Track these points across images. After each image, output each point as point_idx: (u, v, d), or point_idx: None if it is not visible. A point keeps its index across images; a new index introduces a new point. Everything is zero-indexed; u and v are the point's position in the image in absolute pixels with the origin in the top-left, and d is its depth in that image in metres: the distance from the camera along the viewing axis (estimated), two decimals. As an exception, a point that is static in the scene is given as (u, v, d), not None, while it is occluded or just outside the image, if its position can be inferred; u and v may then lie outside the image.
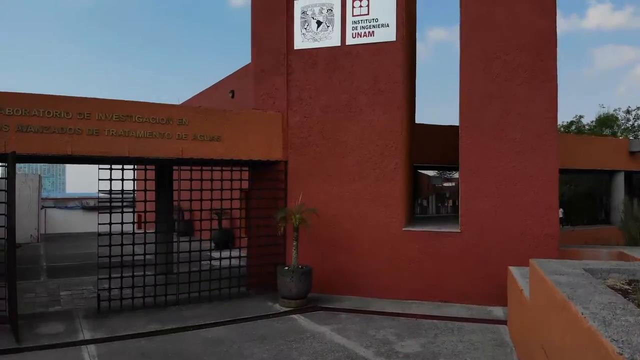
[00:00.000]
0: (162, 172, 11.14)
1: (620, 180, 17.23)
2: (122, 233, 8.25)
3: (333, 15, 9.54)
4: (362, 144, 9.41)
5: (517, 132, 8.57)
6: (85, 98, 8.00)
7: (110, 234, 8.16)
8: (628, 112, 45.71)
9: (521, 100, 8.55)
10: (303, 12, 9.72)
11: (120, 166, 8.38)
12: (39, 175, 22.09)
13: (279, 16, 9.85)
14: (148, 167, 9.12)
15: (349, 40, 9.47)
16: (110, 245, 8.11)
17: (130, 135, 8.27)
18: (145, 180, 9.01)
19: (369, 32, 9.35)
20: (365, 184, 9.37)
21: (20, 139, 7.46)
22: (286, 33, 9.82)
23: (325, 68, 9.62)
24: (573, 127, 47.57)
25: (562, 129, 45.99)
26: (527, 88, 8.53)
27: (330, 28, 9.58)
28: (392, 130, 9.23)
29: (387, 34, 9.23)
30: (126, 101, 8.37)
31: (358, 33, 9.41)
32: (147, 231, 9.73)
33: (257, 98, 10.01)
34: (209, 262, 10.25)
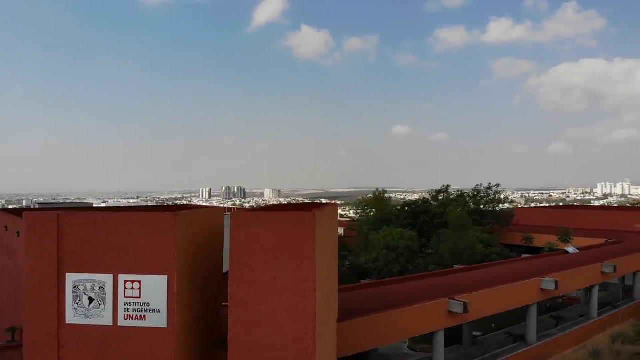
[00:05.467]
0: None
1: None
2: None
3: (105, 294, 9.20)
4: None
5: None
6: None
7: None
8: (489, 188, 54.55)
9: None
10: (75, 287, 9.27)
11: None
12: None
13: (51, 287, 9.31)
14: None
15: (121, 322, 9.19)
16: None
17: None
18: None
19: (140, 315, 9.13)
20: None
21: None
22: (57, 305, 9.29)
23: (99, 346, 9.22)
24: (441, 196, 55.24)
25: (434, 193, 53.07)
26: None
27: (102, 306, 9.22)
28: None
29: (158, 319, 9.05)
30: None
31: (130, 315, 9.16)
32: None
33: (25, 374, 9.29)
34: None
